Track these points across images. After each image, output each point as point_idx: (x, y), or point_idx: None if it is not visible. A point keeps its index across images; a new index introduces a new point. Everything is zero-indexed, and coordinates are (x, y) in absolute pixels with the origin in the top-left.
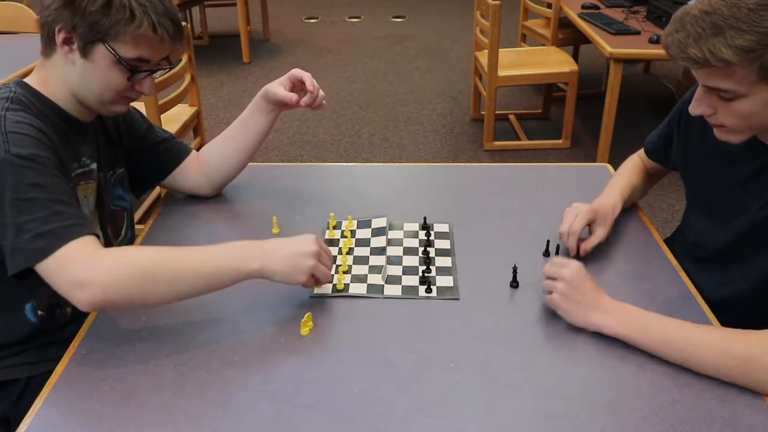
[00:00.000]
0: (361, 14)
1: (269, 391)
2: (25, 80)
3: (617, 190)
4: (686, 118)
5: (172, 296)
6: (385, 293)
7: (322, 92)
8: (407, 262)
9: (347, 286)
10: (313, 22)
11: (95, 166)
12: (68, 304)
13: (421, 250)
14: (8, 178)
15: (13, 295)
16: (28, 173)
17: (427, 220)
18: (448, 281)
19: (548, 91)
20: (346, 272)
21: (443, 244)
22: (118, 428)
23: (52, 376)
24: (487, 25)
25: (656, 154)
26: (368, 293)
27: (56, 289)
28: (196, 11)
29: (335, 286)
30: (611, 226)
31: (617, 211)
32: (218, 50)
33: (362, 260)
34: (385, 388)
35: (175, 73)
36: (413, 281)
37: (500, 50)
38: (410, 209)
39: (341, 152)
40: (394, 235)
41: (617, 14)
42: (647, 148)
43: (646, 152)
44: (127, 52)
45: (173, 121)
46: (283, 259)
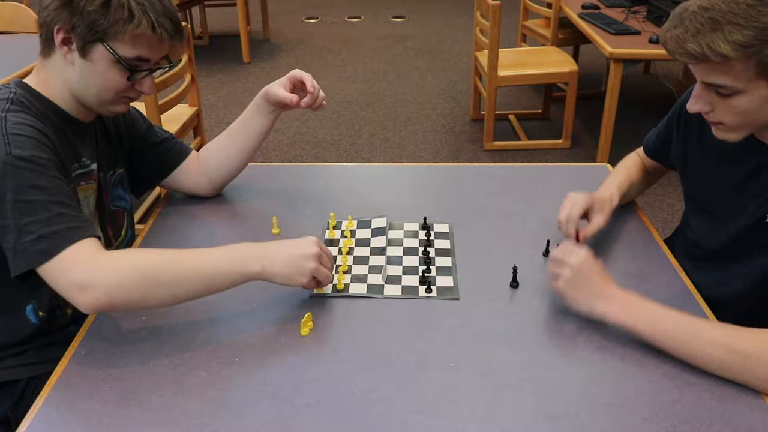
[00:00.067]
0: (361, 14)
1: (269, 391)
2: (24, 80)
3: (615, 184)
4: (685, 117)
5: (173, 299)
6: (385, 293)
7: (322, 93)
8: (407, 262)
9: (347, 286)
10: (313, 22)
11: (95, 166)
12: (69, 305)
13: (421, 250)
14: (10, 180)
15: (14, 296)
16: (29, 175)
17: (427, 220)
18: (448, 281)
19: (548, 91)
20: (346, 272)
21: (443, 244)
22: (118, 428)
23: (51, 376)
24: (487, 25)
25: (655, 153)
26: (368, 293)
27: (58, 291)
28: (196, 11)
29: (335, 286)
30: (609, 215)
31: (615, 201)
32: (218, 50)
33: (362, 260)
34: (385, 388)
35: (175, 73)
36: (413, 281)
37: (500, 50)
38: (410, 209)
39: (341, 152)
40: (394, 235)
41: (617, 14)
42: (646, 147)
43: (645, 151)
44: (126, 51)
45: (173, 121)
46: (284, 261)
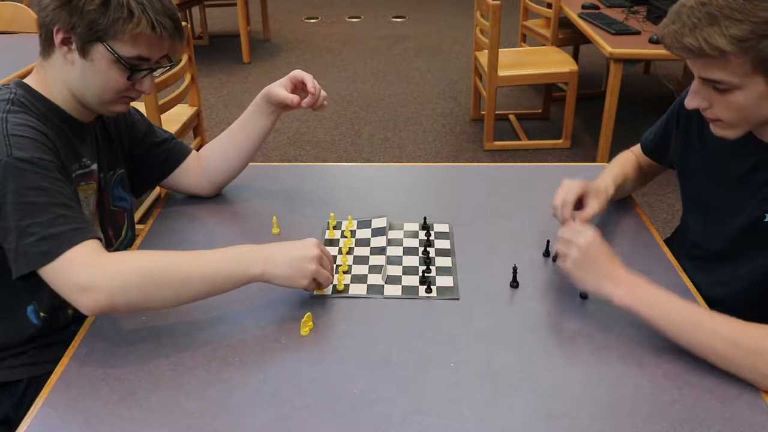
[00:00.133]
0: (361, 14)
1: (269, 391)
2: (24, 81)
3: (610, 176)
4: (684, 116)
5: (174, 300)
6: (385, 293)
7: (324, 93)
8: (407, 262)
9: (347, 287)
10: (313, 22)
11: (96, 166)
12: (70, 306)
13: (421, 250)
14: (11, 181)
15: (15, 297)
16: (30, 176)
17: (427, 220)
18: (448, 281)
19: (548, 91)
20: (346, 272)
21: (443, 244)
22: (118, 428)
23: (52, 376)
24: (487, 25)
25: (653, 151)
26: (368, 293)
27: (60, 293)
28: (196, 11)
29: (335, 286)
30: (605, 204)
31: (610, 191)
32: (218, 50)
33: (362, 260)
34: (385, 388)
35: (175, 73)
36: (413, 281)
37: (500, 50)
38: (410, 209)
39: (341, 152)
40: (394, 235)
41: (617, 14)
42: (644, 145)
43: (642, 149)
44: (126, 51)
45: (173, 121)
46: (285, 263)
